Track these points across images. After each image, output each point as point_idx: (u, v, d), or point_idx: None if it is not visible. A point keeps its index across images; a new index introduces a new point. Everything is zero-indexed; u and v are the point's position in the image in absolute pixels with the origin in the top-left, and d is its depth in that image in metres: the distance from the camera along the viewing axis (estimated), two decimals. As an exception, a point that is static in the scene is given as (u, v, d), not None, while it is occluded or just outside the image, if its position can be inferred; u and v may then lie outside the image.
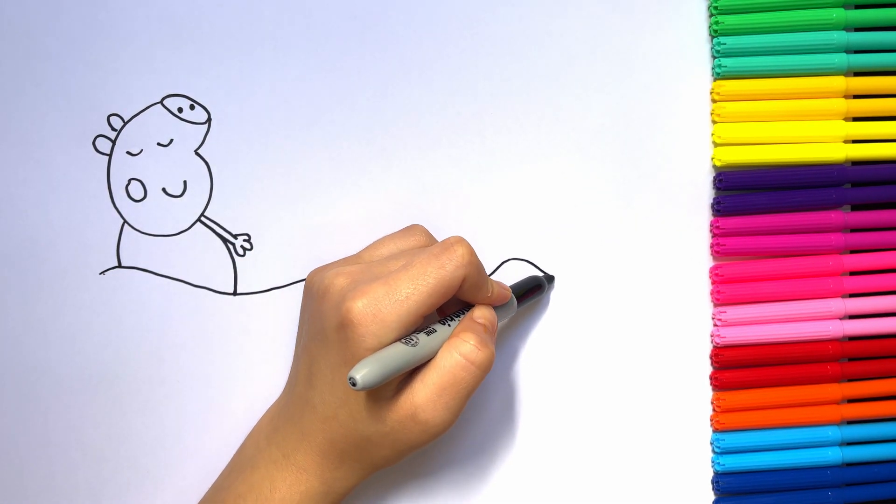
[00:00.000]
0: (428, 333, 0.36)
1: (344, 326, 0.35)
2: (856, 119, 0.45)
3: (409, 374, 0.36)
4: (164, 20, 0.43)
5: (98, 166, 0.44)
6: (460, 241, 0.37)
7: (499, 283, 0.40)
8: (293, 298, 0.44)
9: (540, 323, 0.45)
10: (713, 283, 0.45)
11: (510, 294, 0.41)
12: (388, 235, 0.42)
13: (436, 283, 0.36)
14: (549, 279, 0.45)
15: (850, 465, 0.45)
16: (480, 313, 0.38)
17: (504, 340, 0.45)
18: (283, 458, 0.39)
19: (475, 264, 0.37)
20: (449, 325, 0.37)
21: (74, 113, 0.43)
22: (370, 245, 0.42)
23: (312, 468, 0.38)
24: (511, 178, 0.45)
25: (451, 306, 0.39)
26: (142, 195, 0.44)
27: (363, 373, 0.32)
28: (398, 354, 0.34)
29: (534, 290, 0.43)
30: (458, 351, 0.36)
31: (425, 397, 0.35)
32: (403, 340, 0.35)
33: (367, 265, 0.38)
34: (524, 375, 0.45)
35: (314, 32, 0.44)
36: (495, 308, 0.40)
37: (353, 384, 0.32)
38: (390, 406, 0.36)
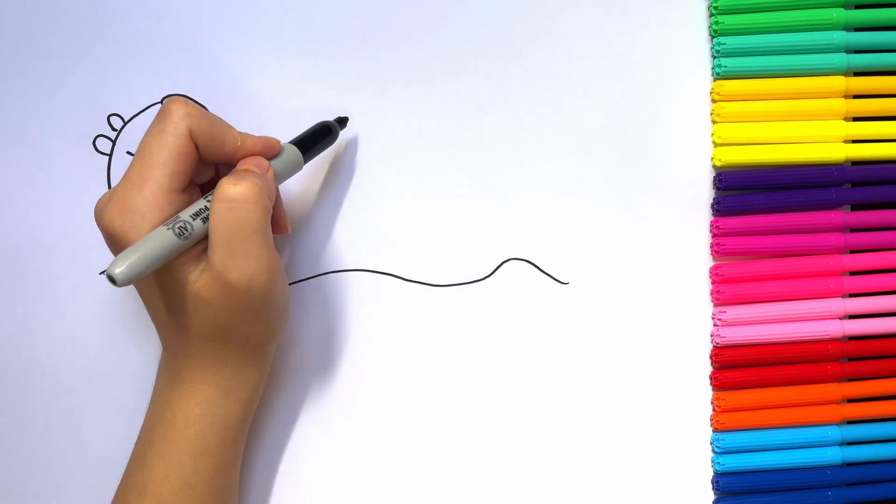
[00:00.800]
0: (197, 214, 0.35)
1: (109, 238, 0.35)
2: (856, 119, 0.45)
3: (206, 250, 0.35)
4: (164, 20, 0.43)
5: (98, 166, 0.44)
6: (174, 99, 0.36)
7: (258, 137, 0.38)
8: (294, 298, 0.44)
9: (540, 322, 0.45)
10: (713, 282, 0.45)
11: (277, 142, 0.39)
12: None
13: (161, 150, 0.35)
14: (341, 121, 0.43)
15: (849, 464, 0.45)
16: (241, 164, 0.37)
17: (503, 339, 0.45)
18: (174, 380, 0.38)
19: (196, 115, 0.35)
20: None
21: (75, 113, 0.43)
22: None
23: (199, 377, 0.38)
24: (511, 178, 0.45)
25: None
26: (142, 195, 0.44)
27: (120, 268, 0.31)
28: (157, 238, 0.33)
29: (322, 137, 0.41)
30: (217, 199, 0.34)
31: (219, 259, 0.34)
32: (167, 225, 0.34)
33: None
34: (524, 373, 0.45)
35: (314, 33, 0.44)
36: (274, 161, 0.38)
37: (114, 282, 0.31)
38: (204, 286, 0.35)
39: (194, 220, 0.34)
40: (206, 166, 0.38)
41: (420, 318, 0.45)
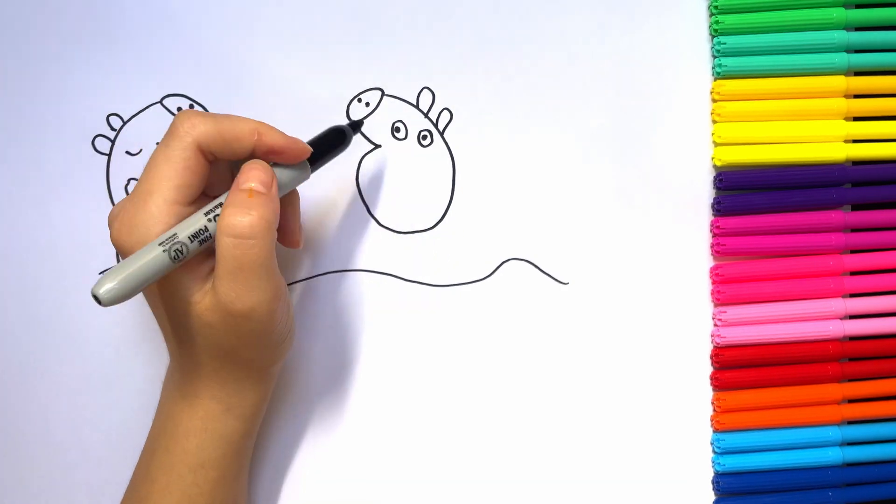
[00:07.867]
0: (195, 237, 0.34)
1: (119, 252, 0.35)
2: (856, 119, 0.45)
3: (211, 270, 0.35)
4: (163, 20, 0.43)
5: (97, 166, 0.44)
6: (179, 114, 0.35)
7: (280, 134, 0.36)
8: (294, 298, 0.44)
9: (540, 322, 0.45)
10: (713, 283, 0.45)
11: (306, 149, 0.37)
12: None
13: (166, 164, 0.34)
14: (355, 126, 0.42)
15: (850, 465, 0.45)
16: (244, 177, 0.35)
17: (503, 339, 0.45)
18: (179, 394, 0.38)
19: (202, 123, 0.35)
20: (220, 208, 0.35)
21: (74, 113, 0.43)
22: None
23: (201, 391, 0.38)
24: (511, 178, 0.45)
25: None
26: (141, 195, 0.44)
27: (103, 289, 0.31)
28: (147, 257, 0.32)
29: (333, 144, 0.40)
30: (223, 233, 0.34)
31: (224, 290, 0.34)
32: (163, 243, 0.33)
33: None
34: (524, 373, 0.45)
35: (314, 32, 0.44)
36: (281, 170, 0.37)
37: (99, 302, 0.31)
38: (209, 308, 0.35)
39: (192, 242, 0.34)
40: (222, 177, 0.38)
41: (420, 318, 0.45)
